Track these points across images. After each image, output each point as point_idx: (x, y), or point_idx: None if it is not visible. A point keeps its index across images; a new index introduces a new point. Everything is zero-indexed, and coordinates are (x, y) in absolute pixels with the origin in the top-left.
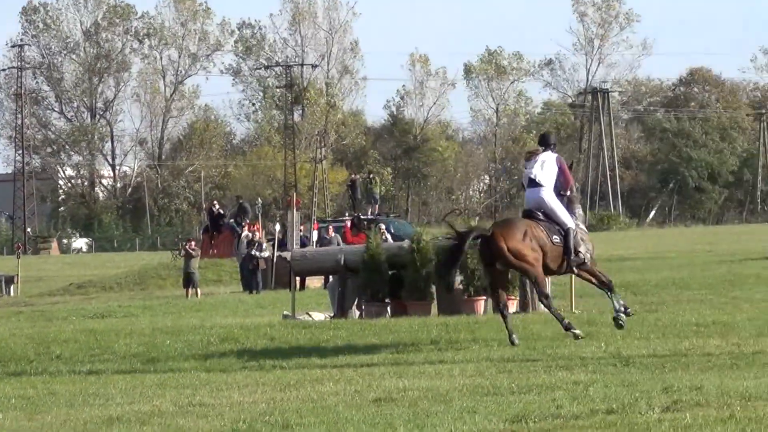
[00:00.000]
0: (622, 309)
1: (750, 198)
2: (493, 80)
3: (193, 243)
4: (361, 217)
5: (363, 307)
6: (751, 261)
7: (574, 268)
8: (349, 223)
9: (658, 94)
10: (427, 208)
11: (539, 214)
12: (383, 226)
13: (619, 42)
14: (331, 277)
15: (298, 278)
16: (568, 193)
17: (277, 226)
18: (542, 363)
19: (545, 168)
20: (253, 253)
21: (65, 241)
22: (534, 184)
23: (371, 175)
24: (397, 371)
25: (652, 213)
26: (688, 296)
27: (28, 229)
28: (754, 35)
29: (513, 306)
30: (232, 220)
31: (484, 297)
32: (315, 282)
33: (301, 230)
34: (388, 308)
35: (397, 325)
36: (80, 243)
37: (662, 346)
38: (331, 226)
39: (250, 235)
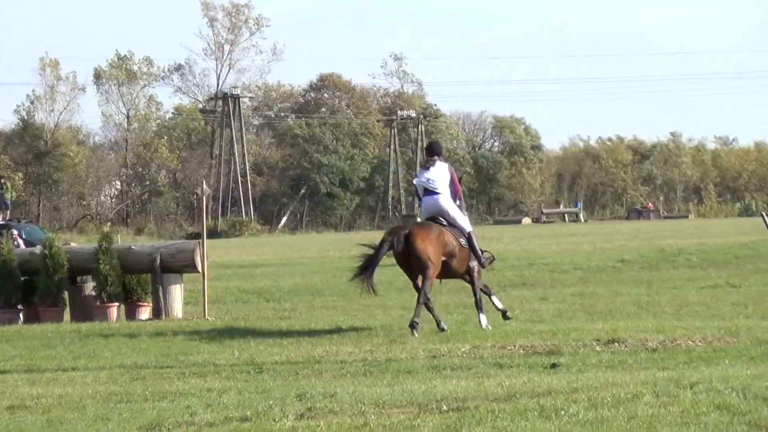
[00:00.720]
0: (505, 309)
1: (381, 204)
2: (123, 85)
3: None
4: None
5: None
6: (382, 267)
7: (476, 270)
8: None
9: (288, 100)
10: (59, 214)
11: (442, 220)
12: (15, 232)
13: (249, 47)
14: None
15: None
16: (457, 202)
17: None
18: (176, 370)
19: (439, 176)
20: None
21: None
22: (431, 192)
23: (2, 181)
24: (30, 378)
25: (284, 219)
26: (321, 303)
27: None
28: (384, 41)
29: (146, 312)
30: None
31: (117, 303)
32: None
33: None
34: (21, 315)
35: (30, 331)
36: None
37: (296, 353)
38: None
39: None
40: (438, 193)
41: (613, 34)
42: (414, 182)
